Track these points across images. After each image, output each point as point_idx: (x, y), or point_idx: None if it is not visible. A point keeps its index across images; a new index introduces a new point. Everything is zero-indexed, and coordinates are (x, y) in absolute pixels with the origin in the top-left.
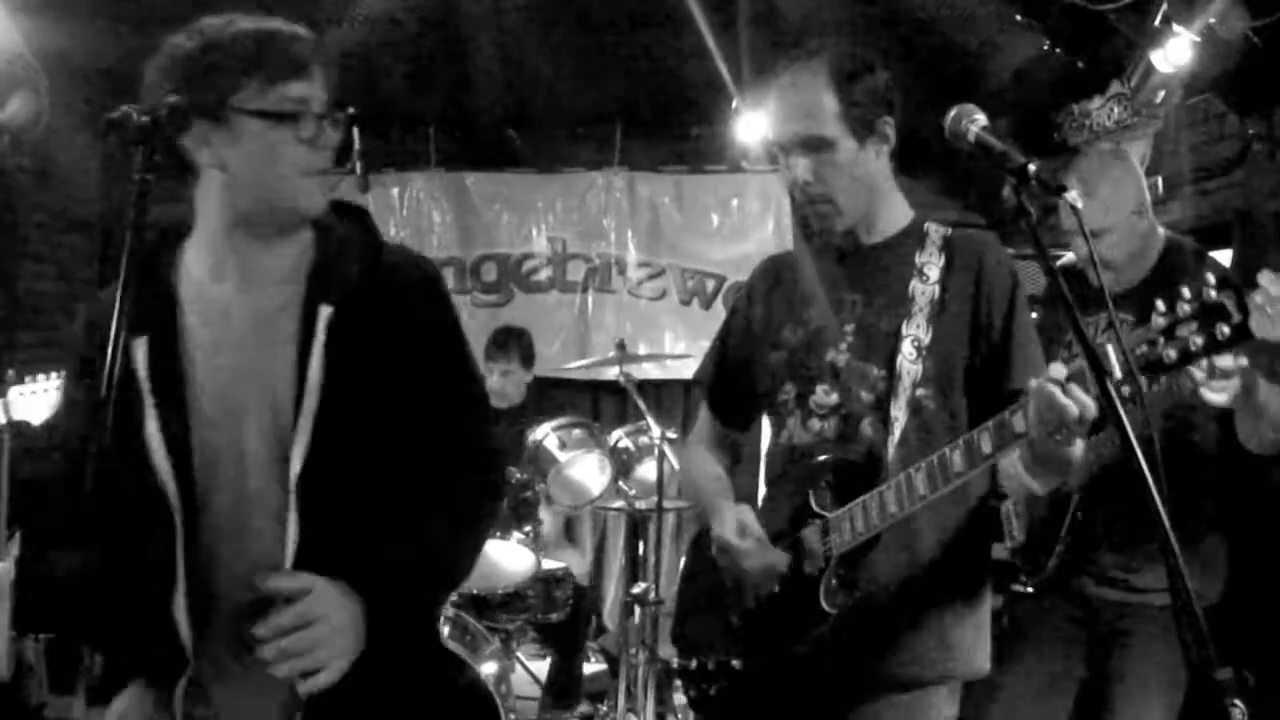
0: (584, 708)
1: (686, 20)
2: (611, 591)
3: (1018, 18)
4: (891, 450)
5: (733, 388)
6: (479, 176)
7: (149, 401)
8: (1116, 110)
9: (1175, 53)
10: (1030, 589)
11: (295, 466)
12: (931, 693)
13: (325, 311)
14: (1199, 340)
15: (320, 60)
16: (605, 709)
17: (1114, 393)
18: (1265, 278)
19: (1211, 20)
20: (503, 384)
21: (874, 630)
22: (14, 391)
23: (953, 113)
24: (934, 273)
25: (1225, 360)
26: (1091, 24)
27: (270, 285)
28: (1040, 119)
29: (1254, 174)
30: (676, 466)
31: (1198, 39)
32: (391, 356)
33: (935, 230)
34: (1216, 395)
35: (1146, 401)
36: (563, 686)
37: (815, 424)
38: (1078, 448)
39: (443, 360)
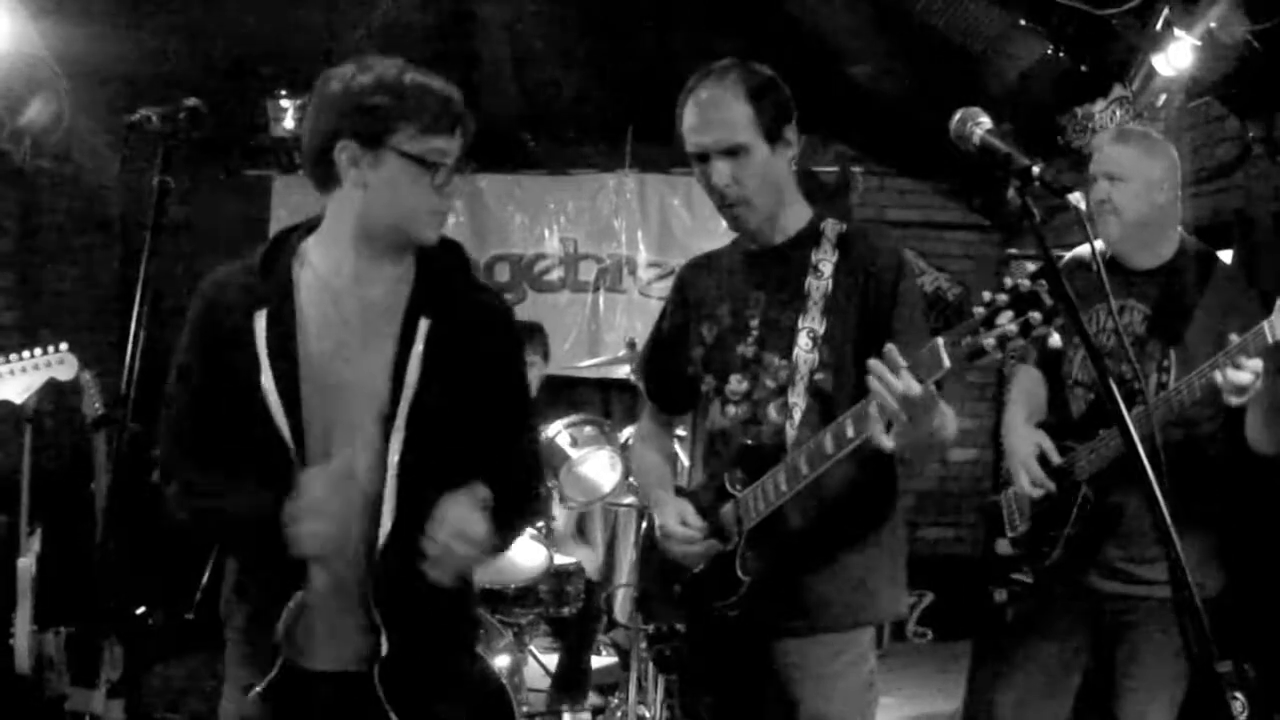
0: (595, 699)
1: (697, 25)
2: (623, 586)
3: (1022, 22)
4: (793, 432)
5: (665, 377)
6: (492, 178)
7: (265, 362)
8: (1119, 113)
9: (1176, 57)
10: (1030, 579)
11: (395, 455)
12: (854, 635)
13: (425, 323)
14: (1013, 328)
15: (467, 121)
16: (616, 701)
17: (1116, 390)
18: None
19: (1212, 25)
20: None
21: (789, 589)
22: None
23: (958, 116)
24: (827, 268)
25: (1252, 363)
26: (1094, 28)
27: (379, 287)
28: (1044, 122)
29: (1253, 176)
30: (686, 463)
31: (1198, 43)
32: (472, 370)
33: (831, 228)
34: (1236, 398)
35: (1157, 401)
36: (571, 681)
37: (731, 410)
38: (944, 432)
39: (508, 382)
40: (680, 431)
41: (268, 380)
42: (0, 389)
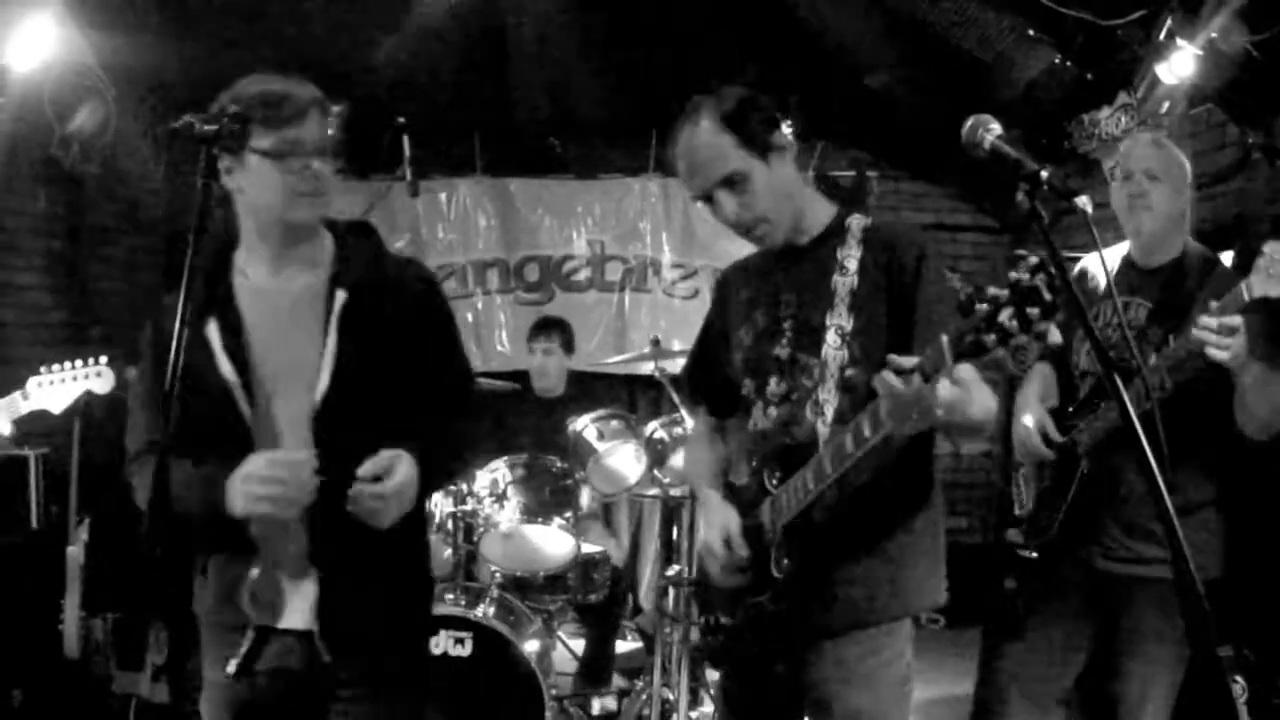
0: (620, 683)
1: (718, 34)
2: (647, 574)
3: (1031, 33)
4: (825, 429)
5: (711, 382)
6: (522, 182)
7: (222, 360)
8: (1123, 120)
9: (1179, 65)
10: (1034, 554)
11: (316, 402)
12: (889, 629)
13: (340, 296)
14: (1014, 324)
15: (316, 109)
16: (641, 685)
17: (1115, 375)
18: (1270, 246)
19: (1213, 35)
20: (544, 362)
21: (825, 584)
22: (32, 381)
23: (970, 122)
24: (853, 264)
25: (1232, 319)
26: (1101, 38)
27: (296, 276)
28: (1052, 128)
29: (1253, 181)
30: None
31: (1200, 52)
32: (388, 331)
33: (857, 224)
34: (1220, 352)
35: (1149, 369)
36: (596, 667)
37: (772, 411)
38: (971, 408)
39: (427, 335)
40: None
41: (227, 370)
42: (40, 398)
